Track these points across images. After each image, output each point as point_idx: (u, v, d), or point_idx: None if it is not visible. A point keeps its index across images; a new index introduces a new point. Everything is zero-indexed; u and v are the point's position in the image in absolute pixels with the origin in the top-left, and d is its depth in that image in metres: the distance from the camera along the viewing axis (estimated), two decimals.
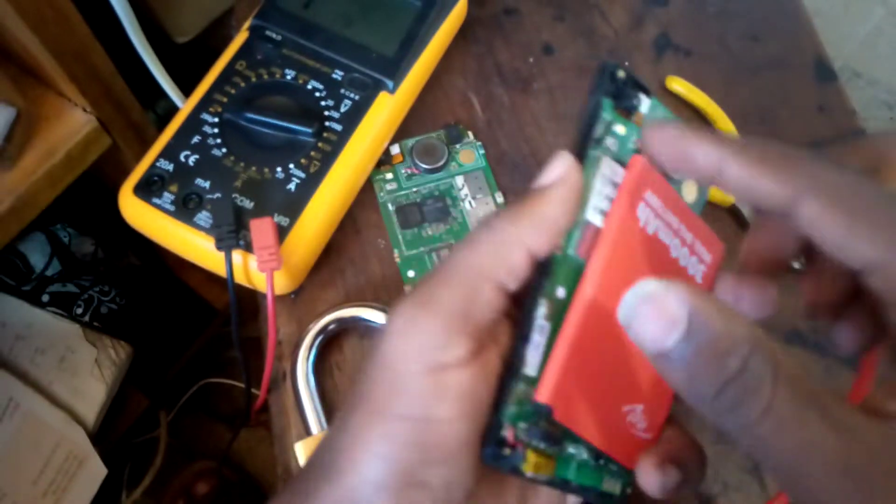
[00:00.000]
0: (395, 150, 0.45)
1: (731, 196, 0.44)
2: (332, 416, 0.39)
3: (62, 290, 0.71)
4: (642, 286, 0.17)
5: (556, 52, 0.50)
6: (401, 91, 0.43)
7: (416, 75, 0.44)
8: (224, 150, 0.40)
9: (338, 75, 0.42)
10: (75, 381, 0.68)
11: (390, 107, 0.42)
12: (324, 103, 0.41)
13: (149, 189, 0.39)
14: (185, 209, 0.38)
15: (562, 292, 0.22)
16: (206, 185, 0.39)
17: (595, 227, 0.22)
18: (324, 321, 0.39)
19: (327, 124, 0.41)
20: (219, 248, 0.37)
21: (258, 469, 0.93)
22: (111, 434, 0.75)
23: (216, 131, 0.40)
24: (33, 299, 0.69)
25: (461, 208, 0.44)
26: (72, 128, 0.49)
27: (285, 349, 0.41)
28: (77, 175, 0.50)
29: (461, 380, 0.20)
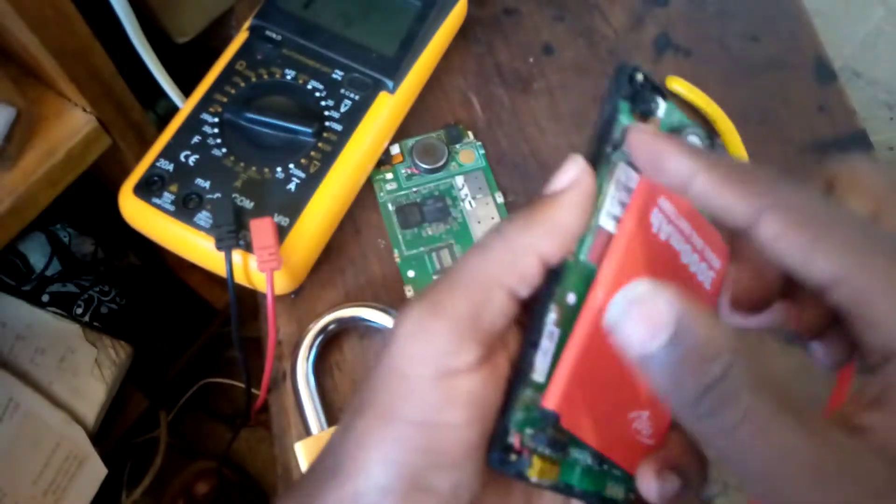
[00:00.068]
0: (395, 150, 0.45)
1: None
2: (332, 416, 0.39)
3: (62, 290, 0.71)
4: (632, 288, 0.17)
5: (556, 52, 0.50)
6: (401, 91, 0.43)
7: (416, 75, 0.44)
8: (224, 150, 0.40)
9: (338, 75, 0.42)
10: (75, 381, 0.68)
11: (390, 107, 0.42)
12: (324, 103, 0.41)
13: (149, 189, 0.39)
14: (185, 209, 0.38)
15: (572, 298, 0.21)
16: (206, 185, 0.39)
17: (607, 233, 0.22)
18: (324, 321, 0.39)
19: (327, 124, 0.41)
20: (219, 248, 0.37)
21: (258, 469, 0.93)
22: (111, 434, 0.75)
23: (216, 131, 0.40)
24: (33, 299, 0.69)
25: (461, 208, 0.44)
26: (72, 128, 0.49)
27: (285, 349, 0.41)
28: (77, 175, 0.50)
29: (471, 385, 0.20)
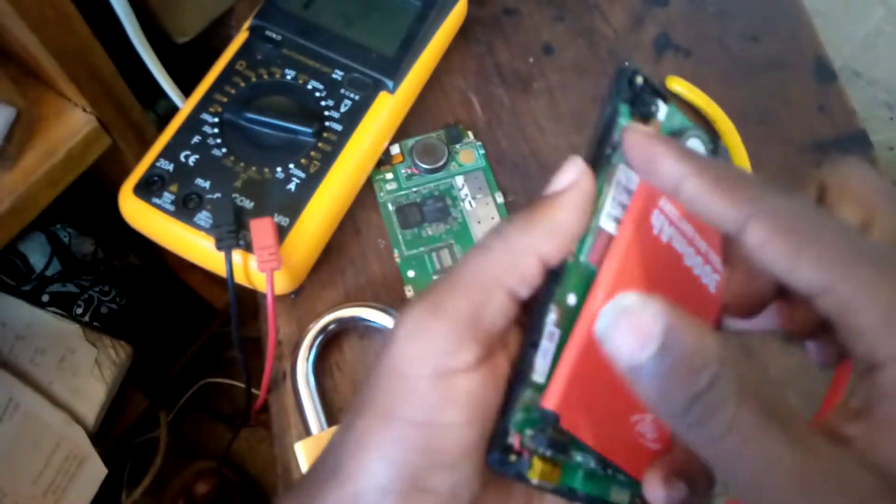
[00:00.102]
0: (395, 150, 0.45)
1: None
2: (332, 416, 0.39)
3: (62, 290, 0.71)
4: (620, 300, 0.17)
5: (556, 52, 0.50)
6: (401, 91, 0.43)
7: (416, 75, 0.44)
8: (224, 150, 0.40)
9: (338, 75, 0.42)
10: (75, 381, 0.68)
11: (390, 107, 0.42)
12: (324, 103, 0.41)
13: (149, 189, 0.39)
14: (185, 209, 0.38)
15: (573, 299, 0.21)
16: (206, 185, 0.39)
17: (608, 235, 0.22)
18: (324, 321, 0.39)
19: (327, 124, 0.41)
20: (219, 248, 0.37)
21: (258, 469, 0.93)
22: (111, 434, 0.75)
23: (216, 131, 0.40)
24: (33, 299, 0.69)
25: (461, 208, 0.44)
26: (72, 128, 0.49)
27: (285, 349, 0.41)
28: (77, 175, 0.50)
29: (469, 385, 0.20)
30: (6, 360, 0.66)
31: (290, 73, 0.42)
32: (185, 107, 0.41)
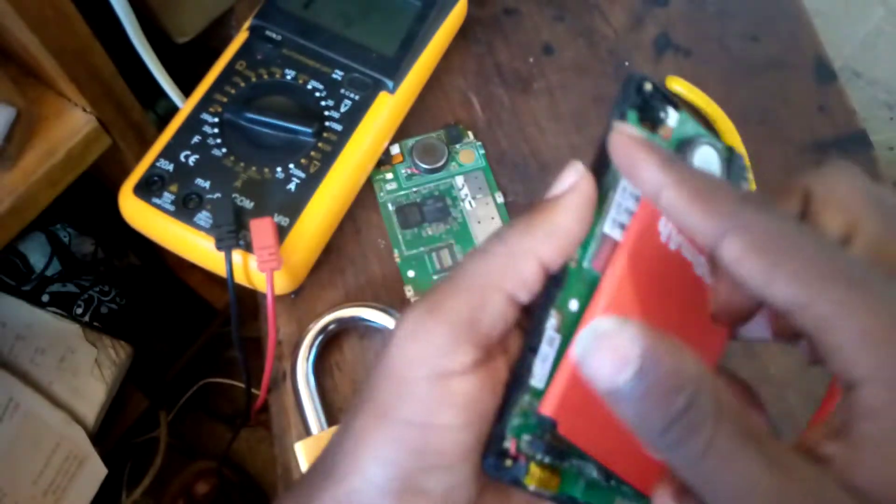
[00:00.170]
0: (395, 150, 0.45)
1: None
2: (332, 416, 0.39)
3: (62, 290, 0.71)
4: (597, 324, 0.17)
5: (556, 52, 0.50)
6: (401, 91, 0.43)
7: (416, 75, 0.44)
8: (224, 150, 0.40)
9: (338, 75, 0.42)
10: (75, 381, 0.68)
11: (390, 107, 0.42)
12: (324, 103, 0.41)
13: (149, 189, 0.39)
14: (185, 209, 0.38)
15: (574, 305, 0.21)
16: (206, 185, 0.39)
17: (614, 241, 0.22)
18: (324, 321, 0.39)
19: (327, 124, 0.41)
20: (219, 248, 0.37)
21: (258, 469, 0.93)
22: (111, 434, 0.75)
23: (216, 131, 0.40)
24: (33, 299, 0.69)
25: (461, 208, 0.44)
26: (72, 128, 0.49)
27: (285, 349, 0.41)
28: (77, 175, 0.50)
29: (466, 388, 0.20)
30: (6, 360, 0.66)
31: (290, 73, 0.42)
32: (185, 107, 0.41)
